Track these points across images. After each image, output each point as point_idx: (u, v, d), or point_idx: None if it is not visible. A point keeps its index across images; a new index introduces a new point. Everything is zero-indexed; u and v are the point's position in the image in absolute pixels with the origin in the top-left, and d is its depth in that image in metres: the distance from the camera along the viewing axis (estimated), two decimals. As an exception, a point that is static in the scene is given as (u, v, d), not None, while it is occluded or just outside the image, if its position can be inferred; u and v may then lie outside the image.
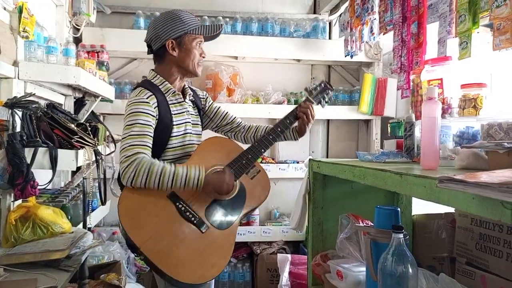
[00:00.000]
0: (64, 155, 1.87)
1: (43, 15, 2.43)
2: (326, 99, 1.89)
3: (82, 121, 2.20)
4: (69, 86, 2.55)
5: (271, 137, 1.76)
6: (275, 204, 3.41)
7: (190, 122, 1.77)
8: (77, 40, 2.90)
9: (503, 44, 1.40)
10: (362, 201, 1.87)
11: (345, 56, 2.98)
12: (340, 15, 3.19)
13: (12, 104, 1.85)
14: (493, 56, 1.81)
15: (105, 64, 2.80)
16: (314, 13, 3.61)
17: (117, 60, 3.28)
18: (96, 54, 2.74)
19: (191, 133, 1.77)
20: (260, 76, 3.45)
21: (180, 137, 1.72)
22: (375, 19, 2.53)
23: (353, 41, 2.86)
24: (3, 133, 1.81)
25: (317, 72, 3.59)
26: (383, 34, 2.37)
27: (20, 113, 1.88)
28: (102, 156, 2.24)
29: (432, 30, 1.92)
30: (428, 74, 1.84)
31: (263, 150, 1.74)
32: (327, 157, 3.56)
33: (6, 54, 1.93)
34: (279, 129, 1.78)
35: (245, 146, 1.79)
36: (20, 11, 1.96)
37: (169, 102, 1.71)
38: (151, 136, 1.61)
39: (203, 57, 1.78)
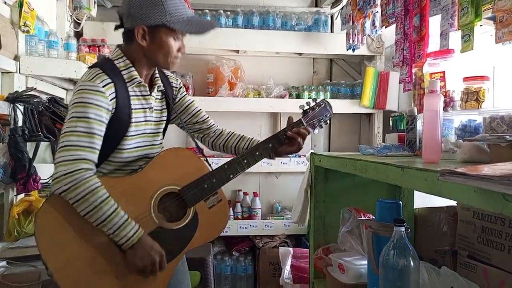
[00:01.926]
0: (66, 149, 1.87)
1: (44, 9, 2.43)
2: (322, 124, 1.59)
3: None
4: (70, 80, 2.56)
5: (245, 161, 1.46)
6: (277, 198, 3.41)
7: (152, 121, 1.47)
8: (78, 34, 2.89)
9: (506, 37, 1.39)
10: (364, 194, 1.87)
11: (347, 50, 2.97)
12: (342, 8, 3.16)
13: (14, 98, 1.86)
14: (496, 49, 1.79)
15: (106, 58, 2.79)
16: (316, 6, 3.59)
17: (118, 54, 3.27)
18: (97, 48, 2.73)
19: (150, 133, 1.47)
20: (262, 70, 3.44)
21: (136, 137, 1.41)
22: (377, 12, 2.52)
23: (355, 35, 2.85)
24: (5, 128, 1.82)
25: (319, 66, 3.58)
26: (385, 27, 2.36)
27: (21, 108, 1.89)
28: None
29: (434, 23, 1.91)
30: (430, 67, 1.83)
31: (231, 176, 1.45)
32: (329, 151, 3.56)
33: (7, 49, 1.93)
34: (257, 153, 1.48)
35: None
36: (21, 6, 1.96)
37: (131, 94, 1.38)
38: (101, 136, 1.29)
39: (183, 52, 1.43)
